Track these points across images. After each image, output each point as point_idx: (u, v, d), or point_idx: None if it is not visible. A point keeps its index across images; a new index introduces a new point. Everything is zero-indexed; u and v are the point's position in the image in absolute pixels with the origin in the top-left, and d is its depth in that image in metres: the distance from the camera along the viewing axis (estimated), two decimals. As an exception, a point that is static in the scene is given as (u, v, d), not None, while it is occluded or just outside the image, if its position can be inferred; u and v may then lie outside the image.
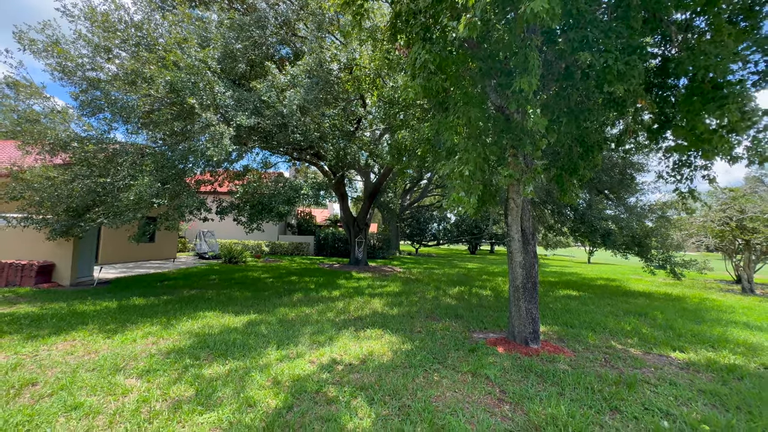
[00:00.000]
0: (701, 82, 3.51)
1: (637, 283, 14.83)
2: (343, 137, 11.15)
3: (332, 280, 11.90)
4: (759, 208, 12.18)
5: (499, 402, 3.42)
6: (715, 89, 3.45)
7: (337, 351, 4.78)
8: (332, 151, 10.89)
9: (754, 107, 3.36)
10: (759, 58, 3.48)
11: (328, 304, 7.92)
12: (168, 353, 4.45)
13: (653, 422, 3.08)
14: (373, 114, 11.49)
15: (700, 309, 9.07)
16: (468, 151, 3.64)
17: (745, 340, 6.06)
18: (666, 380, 4.11)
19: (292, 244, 24.36)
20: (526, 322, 5.03)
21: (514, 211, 4.82)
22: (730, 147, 3.84)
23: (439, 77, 3.54)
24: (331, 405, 3.24)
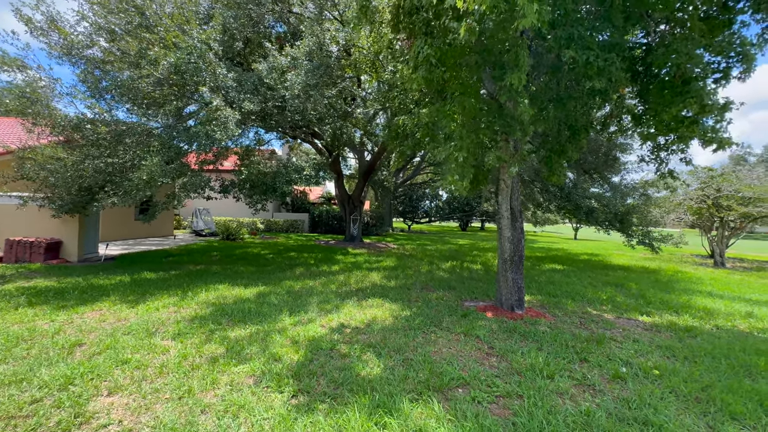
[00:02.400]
0: (673, 76, 3.93)
1: (619, 257, 15.70)
2: (339, 117, 11.37)
3: (330, 256, 12.42)
4: (734, 187, 12.91)
5: (488, 355, 4.02)
6: (683, 84, 3.88)
7: (344, 317, 5.33)
8: (329, 130, 11.13)
9: (713, 101, 3.81)
10: (720, 59, 3.90)
11: (330, 278, 8.46)
12: (192, 320, 4.94)
13: (613, 368, 3.70)
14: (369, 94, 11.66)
15: (672, 280, 9.86)
16: (462, 138, 4.04)
17: (705, 306, 6.79)
18: (630, 338, 4.77)
19: (287, 222, 24.72)
20: (513, 291, 5.63)
21: (504, 191, 5.30)
22: (691, 135, 4.33)
23: (439, 69, 3.89)
24: (345, 358, 3.79)
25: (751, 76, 3.79)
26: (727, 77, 3.90)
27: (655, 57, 3.91)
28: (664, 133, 4.39)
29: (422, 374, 3.43)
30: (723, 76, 3.89)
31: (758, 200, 12.77)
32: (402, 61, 5.01)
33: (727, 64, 3.89)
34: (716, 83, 3.90)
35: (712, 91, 3.82)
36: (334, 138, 11.81)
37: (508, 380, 3.36)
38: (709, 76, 3.88)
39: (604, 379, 3.46)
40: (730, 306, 6.91)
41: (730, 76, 3.89)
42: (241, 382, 3.21)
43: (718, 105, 3.82)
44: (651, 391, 3.17)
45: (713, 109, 3.82)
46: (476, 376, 3.39)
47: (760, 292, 8.66)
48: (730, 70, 3.89)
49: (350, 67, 8.06)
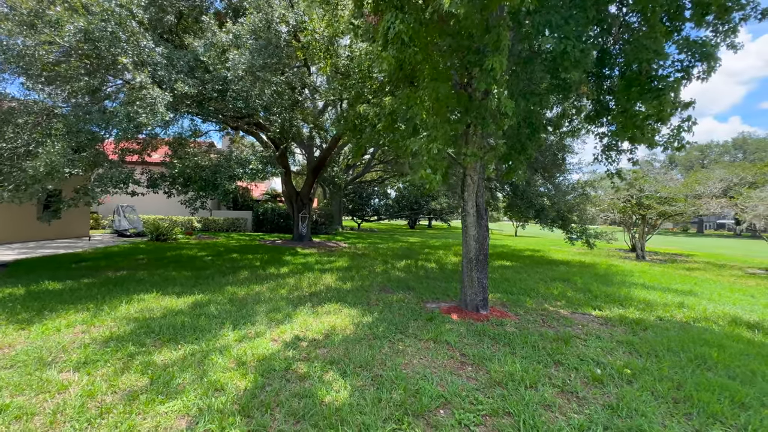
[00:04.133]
0: (638, 73, 3.96)
1: (557, 252, 16.76)
2: (287, 108, 10.50)
3: (278, 257, 11.52)
4: (654, 188, 14.34)
5: (462, 365, 3.70)
6: (649, 81, 3.92)
7: (299, 328, 4.71)
8: (277, 121, 10.23)
9: (680, 99, 3.90)
10: (684, 57, 4.02)
11: (279, 281, 7.69)
12: (105, 342, 3.99)
13: (589, 370, 3.59)
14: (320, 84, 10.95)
15: (608, 273, 10.59)
16: (437, 128, 3.69)
17: (644, 298, 7.25)
18: (592, 335, 4.79)
19: (227, 220, 22.88)
20: (478, 291, 5.43)
21: (470, 188, 5.06)
22: (654, 134, 4.43)
23: (412, 49, 3.47)
24: (303, 381, 3.22)
25: (712, 76, 3.95)
26: (689, 76, 4.02)
27: (619, 54, 3.89)
28: (628, 132, 4.44)
29: (397, 395, 2.98)
30: (685, 75, 4.01)
31: (672, 200, 14.33)
32: (366, 39, 4.52)
33: (689, 63, 4.01)
34: (677, 82, 3.98)
35: (676, 89, 3.90)
36: (282, 130, 10.91)
37: (490, 394, 3.05)
38: (670, 75, 3.96)
39: (583, 383, 3.30)
40: (663, 297, 7.46)
41: (692, 75, 4.02)
42: (170, 426, 2.50)
43: (681, 103, 3.92)
44: (632, 394, 3.06)
45: (677, 106, 3.90)
46: (456, 392, 3.03)
47: (680, 282, 9.58)
48: (692, 69, 4.02)
49: (302, 50, 7.34)
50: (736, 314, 6.20)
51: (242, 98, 7.72)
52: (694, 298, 7.50)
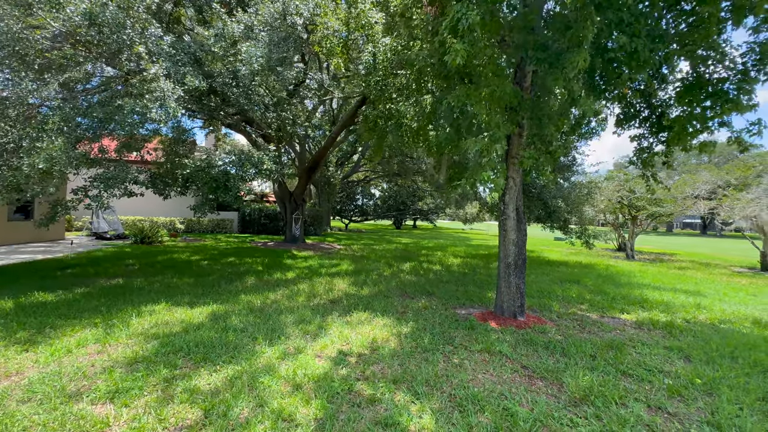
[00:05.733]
0: (699, 76, 3.90)
1: (550, 252, 17.01)
2: (286, 105, 10.05)
3: (278, 261, 11.04)
4: (643, 189, 14.75)
5: (530, 379, 3.50)
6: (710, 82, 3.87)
7: (338, 341, 4.38)
8: (277, 119, 9.77)
9: (747, 100, 3.88)
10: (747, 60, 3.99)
11: (291, 288, 7.29)
12: (131, 364, 3.53)
13: (659, 381, 3.48)
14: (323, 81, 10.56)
15: (611, 274, 10.76)
16: (500, 127, 3.47)
17: (660, 299, 7.33)
18: (636, 341, 4.71)
19: (212, 221, 21.92)
20: (515, 297, 5.27)
21: (512, 190, 4.89)
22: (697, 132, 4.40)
23: (483, 42, 3.23)
24: (375, 405, 2.92)
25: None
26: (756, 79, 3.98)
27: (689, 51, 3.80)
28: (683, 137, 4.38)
29: (485, 418, 2.74)
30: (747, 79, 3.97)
31: (662, 201, 14.81)
32: (426, 31, 4.24)
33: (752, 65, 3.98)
34: (753, 81, 3.93)
35: (749, 91, 3.85)
36: (279, 128, 10.44)
37: (582, 414, 2.86)
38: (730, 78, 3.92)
39: (665, 397, 3.18)
40: (676, 298, 7.58)
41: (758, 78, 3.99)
42: (254, 470, 2.16)
43: (748, 105, 3.88)
44: (723, 408, 2.95)
45: (746, 108, 3.86)
46: (547, 413, 2.82)
47: (682, 282, 9.85)
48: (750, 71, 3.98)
49: (318, 45, 6.96)
50: (754, 315, 6.35)
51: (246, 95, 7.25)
52: (705, 298, 7.66)
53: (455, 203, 30.61)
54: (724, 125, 4.16)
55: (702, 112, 4.28)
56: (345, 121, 13.93)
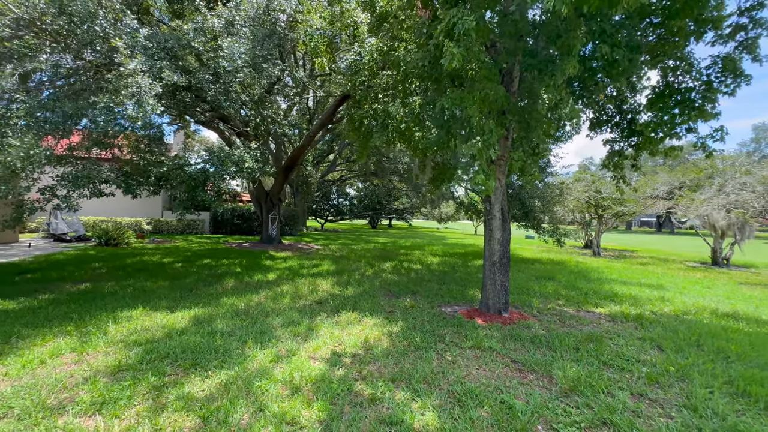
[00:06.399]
0: (669, 85, 4.20)
1: (523, 250, 17.64)
2: (264, 103, 9.82)
3: (256, 262, 10.78)
4: (610, 189, 15.62)
5: (522, 372, 3.64)
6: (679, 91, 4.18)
7: (330, 341, 4.36)
8: (256, 117, 9.52)
9: (713, 109, 4.23)
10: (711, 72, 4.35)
11: (274, 289, 7.15)
12: (114, 373, 3.35)
13: (637, 369, 3.72)
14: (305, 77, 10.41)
15: (582, 270, 11.31)
16: (492, 132, 3.59)
17: (628, 293, 7.81)
18: (612, 333, 5.01)
19: (182, 222, 21.01)
20: (500, 294, 5.45)
21: (498, 191, 5.05)
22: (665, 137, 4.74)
23: (478, 47, 3.32)
24: (377, 404, 2.94)
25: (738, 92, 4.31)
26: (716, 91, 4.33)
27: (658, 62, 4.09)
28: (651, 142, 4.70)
29: (486, 413, 2.83)
30: (711, 89, 4.33)
31: (625, 201, 15.72)
32: (419, 34, 4.26)
33: (720, 78, 4.33)
34: (714, 92, 4.28)
35: (713, 100, 4.19)
36: (257, 126, 10.19)
37: (573, 403, 3.02)
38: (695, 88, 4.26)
39: (645, 385, 3.40)
40: (642, 291, 8.11)
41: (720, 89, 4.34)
42: (264, 476, 2.12)
43: (712, 113, 4.22)
44: (697, 393, 3.20)
45: (710, 116, 4.20)
46: (541, 405, 2.96)
47: (645, 276, 10.51)
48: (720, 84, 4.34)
49: (303, 44, 6.86)
50: (711, 306, 6.89)
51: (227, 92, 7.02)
52: (667, 292, 8.23)
53: (431, 203, 31.03)
54: (691, 131, 4.52)
55: (671, 118, 4.62)
56: (323, 120, 13.79)
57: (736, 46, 4.15)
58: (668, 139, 4.72)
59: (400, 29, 4.61)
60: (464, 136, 3.94)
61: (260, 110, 8.20)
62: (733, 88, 4.10)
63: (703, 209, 12.43)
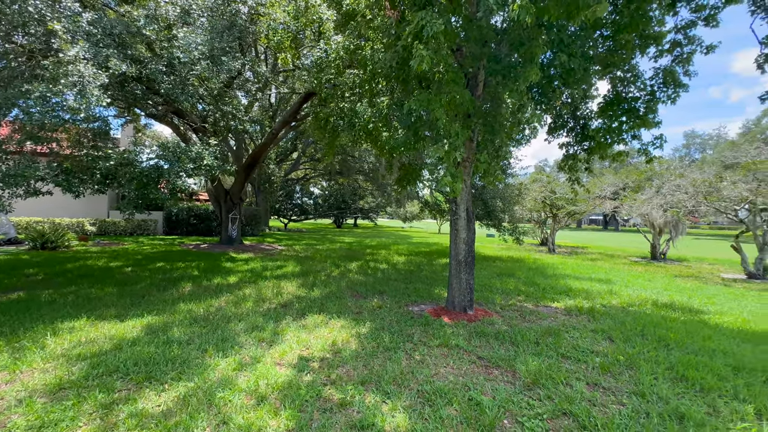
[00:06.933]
0: (618, 94, 4.51)
1: (484, 249, 18.28)
2: (222, 97, 9.38)
3: (216, 264, 10.29)
4: (564, 190, 16.58)
5: (488, 369, 3.76)
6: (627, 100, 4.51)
7: (297, 346, 4.24)
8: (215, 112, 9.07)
9: (654, 118, 4.60)
10: (654, 82, 4.73)
11: (236, 293, 6.86)
12: (54, 392, 3.04)
13: (591, 360, 3.97)
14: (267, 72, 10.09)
15: (539, 267, 11.92)
16: (458, 135, 3.66)
17: (581, 288, 8.33)
18: (569, 326, 5.31)
19: (131, 222, 19.57)
20: (465, 292, 5.59)
21: (464, 192, 5.17)
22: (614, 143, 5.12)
23: (446, 50, 3.36)
24: (348, 409, 2.90)
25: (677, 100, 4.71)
26: (658, 101, 4.72)
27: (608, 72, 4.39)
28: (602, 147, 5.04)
29: (455, 411, 2.88)
30: (654, 99, 4.71)
31: (577, 200, 16.77)
32: (388, 34, 4.22)
33: (660, 88, 4.72)
34: (655, 103, 4.66)
35: (654, 109, 4.55)
36: (216, 122, 9.72)
37: (536, 396, 3.15)
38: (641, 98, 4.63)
39: (599, 374, 3.63)
40: (593, 286, 8.69)
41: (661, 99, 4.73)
42: (229, 493, 2.01)
43: (654, 122, 4.59)
44: (644, 380, 3.47)
45: (652, 124, 4.56)
46: (507, 399, 3.06)
47: (595, 271, 11.28)
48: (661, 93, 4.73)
49: (266, 38, 6.60)
50: (652, 298, 7.52)
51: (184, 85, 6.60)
52: (614, 285, 8.88)
53: (396, 202, 31.28)
54: (636, 138, 4.91)
55: (619, 125, 4.98)
56: (287, 117, 13.43)
57: (673, 59, 4.57)
58: (616, 145, 5.12)
59: (367, 28, 4.58)
60: (432, 138, 3.99)
61: (219, 105, 7.82)
62: (674, 97, 4.52)
63: (644, 208, 13.55)
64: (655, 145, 4.77)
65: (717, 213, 12.73)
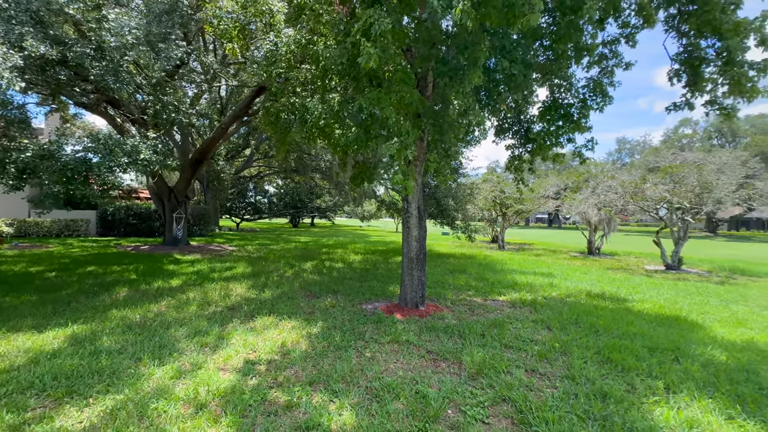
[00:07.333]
0: (555, 100, 4.84)
1: (439, 246, 18.81)
2: (163, 87, 8.75)
3: (157, 267, 9.59)
4: (512, 189, 17.51)
5: (436, 362, 3.86)
6: (563, 106, 4.86)
7: (243, 350, 4.07)
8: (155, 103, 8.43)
9: (587, 123, 4.99)
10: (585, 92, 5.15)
11: (178, 297, 6.45)
12: (-50, 416, 2.65)
13: (531, 348, 4.23)
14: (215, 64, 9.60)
15: (489, 263, 12.49)
16: (409, 134, 3.71)
17: (526, 282, 8.86)
18: (513, 318, 5.61)
19: (58, 222, 17.67)
20: (417, 289, 5.71)
21: (415, 190, 5.26)
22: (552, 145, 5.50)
23: (394, 50, 3.38)
24: (294, 410, 2.83)
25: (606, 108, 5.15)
26: (590, 108, 5.13)
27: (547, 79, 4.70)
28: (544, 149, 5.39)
29: (402, 405, 2.92)
30: (584, 106, 5.11)
31: (524, 200, 17.81)
32: (337, 30, 4.12)
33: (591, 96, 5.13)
34: (587, 109, 5.06)
35: (586, 115, 4.94)
36: (156, 113, 9.05)
37: (479, 385, 3.29)
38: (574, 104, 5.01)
39: (536, 362, 3.88)
40: (537, 279, 9.27)
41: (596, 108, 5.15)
42: None
43: (586, 126, 4.98)
44: (575, 364, 3.76)
45: (584, 129, 4.95)
46: (452, 390, 3.16)
47: (539, 266, 12.05)
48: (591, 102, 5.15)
49: (210, 25, 6.23)
50: (587, 289, 8.19)
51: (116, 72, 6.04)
52: (555, 278, 9.54)
53: (354, 201, 31.16)
54: (571, 141, 5.32)
55: (556, 129, 5.36)
56: (238, 112, 12.85)
57: (600, 71, 5.03)
58: (555, 147, 5.52)
59: (317, 23, 4.50)
60: (383, 137, 4.02)
61: (160, 96, 7.26)
62: (602, 105, 4.97)
63: (581, 207, 14.72)
64: (587, 147, 5.22)
65: (642, 211, 14.13)
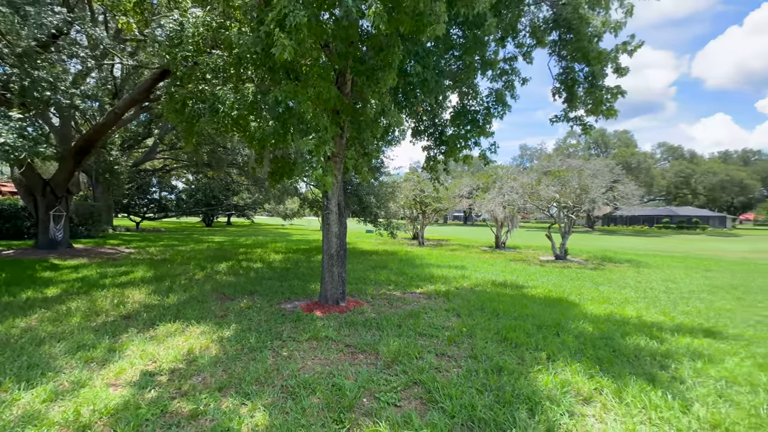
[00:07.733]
0: (464, 106, 5.29)
1: (363, 243, 19.09)
2: (31, 59, 7.34)
3: (26, 275, 8.04)
4: (431, 189, 18.56)
5: (353, 355, 3.94)
6: (470, 112, 5.33)
7: (140, 361, 3.66)
8: (22, 78, 7.01)
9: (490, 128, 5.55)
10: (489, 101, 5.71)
11: (55, 308, 5.51)
12: None
13: (442, 334, 4.58)
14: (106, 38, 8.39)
15: (409, 258, 13.10)
16: (327, 129, 3.70)
17: (441, 275, 9.51)
18: (427, 308, 5.99)
19: None
20: (338, 285, 5.74)
21: (335, 187, 5.27)
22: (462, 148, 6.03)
23: (311, 44, 3.31)
24: (199, 419, 2.64)
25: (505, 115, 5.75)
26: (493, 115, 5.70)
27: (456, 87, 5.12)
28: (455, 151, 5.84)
29: (317, 399, 2.93)
30: (489, 113, 5.67)
31: (441, 198, 19.03)
32: (251, 17, 3.83)
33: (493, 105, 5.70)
34: (490, 116, 5.61)
35: (490, 121, 5.48)
36: (24, 90, 7.55)
37: (393, 372, 3.46)
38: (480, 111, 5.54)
39: (446, 346, 4.21)
40: (451, 272, 10.02)
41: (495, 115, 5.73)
42: None
43: (489, 131, 5.53)
44: (478, 345, 4.17)
45: (488, 133, 5.49)
46: (368, 379, 3.27)
47: (454, 260, 13.02)
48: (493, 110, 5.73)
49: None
50: (492, 279, 9.12)
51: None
52: (467, 270, 10.42)
53: (275, 198, 29.83)
54: (477, 144, 5.89)
55: (465, 133, 5.87)
56: (136, 96, 11.32)
57: (504, 84, 5.68)
58: (465, 149, 6.04)
59: (228, 6, 4.21)
60: (302, 131, 3.95)
61: (28, 69, 6.03)
62: (502, 113, 5.62)
63: (490, 206, 16.29)
64: (491, 150, 5.84)
65: (538, 209, 16.18)
